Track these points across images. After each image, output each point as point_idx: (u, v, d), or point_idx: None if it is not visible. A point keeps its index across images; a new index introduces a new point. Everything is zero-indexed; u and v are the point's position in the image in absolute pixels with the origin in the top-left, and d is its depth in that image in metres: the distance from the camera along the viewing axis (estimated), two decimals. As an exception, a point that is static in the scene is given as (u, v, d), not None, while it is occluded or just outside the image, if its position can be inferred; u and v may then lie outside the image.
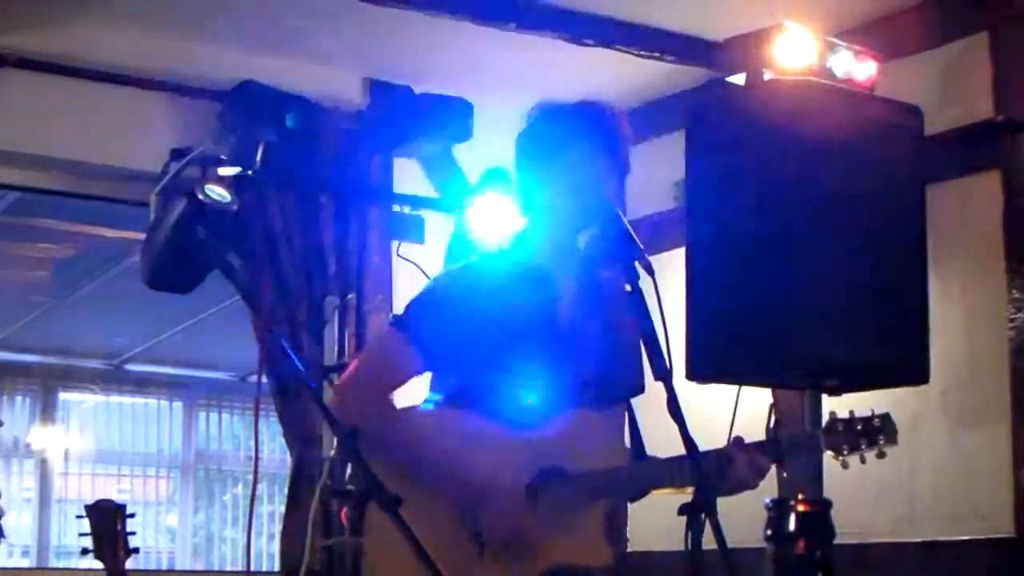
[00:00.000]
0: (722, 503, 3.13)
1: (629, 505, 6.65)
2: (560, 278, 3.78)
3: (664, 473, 3.62)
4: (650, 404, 3.67)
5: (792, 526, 5.21)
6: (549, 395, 3.70)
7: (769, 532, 5.25)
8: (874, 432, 3.79)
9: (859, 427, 3.78)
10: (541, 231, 3.81)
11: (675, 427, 3.28)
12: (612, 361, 3.80)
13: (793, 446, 3.78)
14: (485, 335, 3.67)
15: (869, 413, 3.81)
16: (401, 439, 3.63)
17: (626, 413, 3.87)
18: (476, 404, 3.66)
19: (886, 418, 3.82)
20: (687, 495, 3.20)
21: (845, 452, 3.77)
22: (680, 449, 3.29)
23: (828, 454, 3.80)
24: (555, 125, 3.78)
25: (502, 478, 3.59)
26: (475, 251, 5.90)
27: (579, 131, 3.73)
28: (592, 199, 3.66)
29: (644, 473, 3.66)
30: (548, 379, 3.71)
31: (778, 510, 5.25)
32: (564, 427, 3.68)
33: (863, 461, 3.79)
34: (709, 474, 3.59)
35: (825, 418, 3.82)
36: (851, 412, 3.81)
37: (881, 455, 3.80)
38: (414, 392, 3.85)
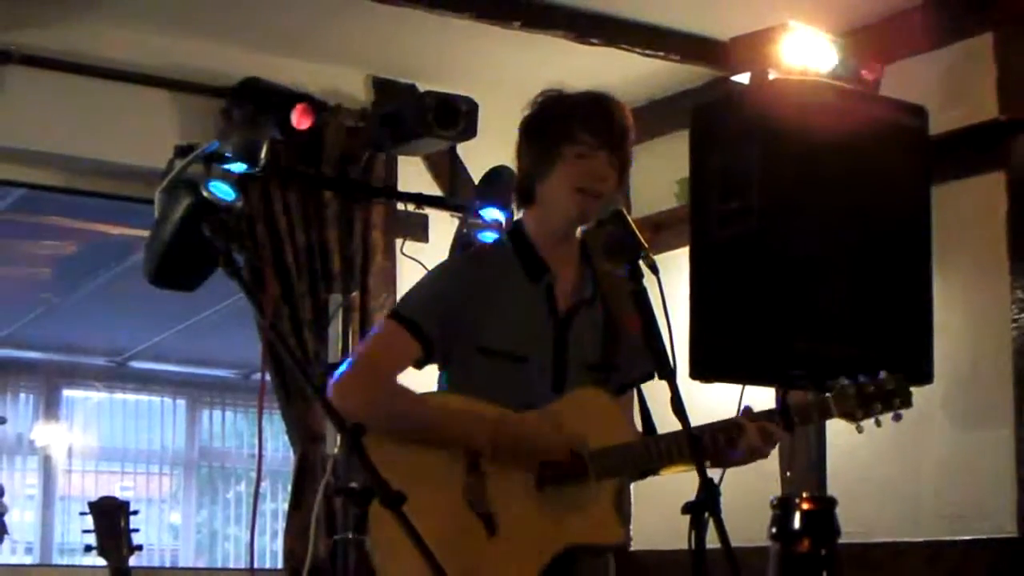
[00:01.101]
0: (726, 502, 3.13)
1: (634, 504, 6.71)
2: (558, 266, 3.78)
3: (673, 447, 3.61)
4: (654, 403, 3.67)
5: (797, 524, 5.21)
6: (552, 381, 3.70)
7: (774, 530, 5.25)
8: (888, 395, 3.77)
9: (871, 390, 3.76)
10: (540, 221, 3.80)
11: (679, 426, 3.29)
12: (615, 348, 3.81)
13: (804, 412, 3.75)
14: (481, 324, 3.68)
15: (881, 376, 3.78)
16: (403, 407, 3.63)
17: (635, 395, 3.86)
18: (479, 393, 3.66)
19: (899, 380, 3.79)
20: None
21: (859, 417, 3.74)
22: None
23: (840, 420, 3.77)
24: (559, 114, 3.76)
25: (513, 435, 3.58)
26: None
27: (582, 122, 3.71)
28: (592, 193, 3.67)
29: (653, 448, 3.65)
30: (549, 366, 3.71)
31: (783, 508, 5.25)
32: (570, 406, 3.68)
33: (879, 424, 3.76)
34: (719, 445, 3.61)
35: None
36: (860, 376, 3.77)
37: (897, 418, 3.77)
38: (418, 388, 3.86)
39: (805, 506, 5.23)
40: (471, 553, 3.51)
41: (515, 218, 4.00)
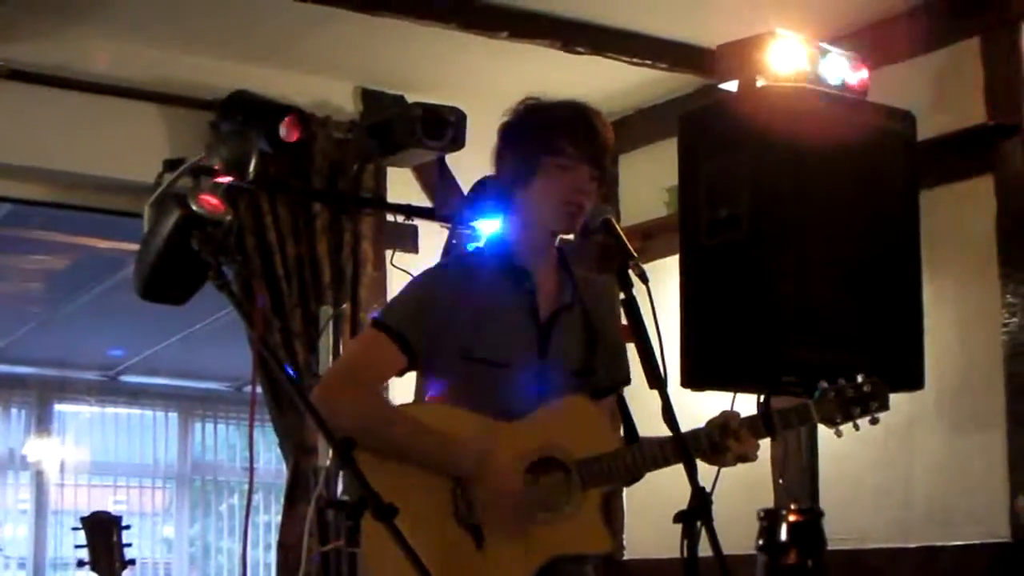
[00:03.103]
0: (717, 511, 3.13)
1: (626, 512, 6.71)
2: (538, 272, 3.78)
3: (658, 454, 3.62)
4: (645, 412, 3.67)
5: (784, 536, 5.21)
6: (535, 387, 3.70)
7: (761, 542, 5.25)
8: (866, 399, 3.80)
9: (850, 394, 3.79)
10: (520, 229, 3.80)
11: (670, 434, 3.29)
12: (595, 353, 3.81)
13: (785, 419, 3.78)
14: (465, 331, 3.67)
15: (859, 379, 3.80)
16: (388, 426, 3.62)
17: (616, 402, 3.87)
18: (463, 400, 3.66)
19: (877, 383, 3.82)
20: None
21: (838, 421, 3.78)
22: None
23: (822, 425, 3.81)
24: (541, 125, 3.76)
25: (496, 468, 3.58)
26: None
27: (565, 134, 3.71)
28: (575, 205, 3.67)
29: (640, 455, 3.65)
30: (533, 371, 3.71)
31: (770, 520, 5.25)
32: (555, 415, 3.68)
33: (856, 428, 3.79)
34: (705, 451, 3.63)
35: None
36: (840, 379, 3.80)
37: (874, 421, 3.80)
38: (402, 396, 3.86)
39: (791, 518, 5.23)
40: (459, 566, 3.51)
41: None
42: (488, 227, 5.92)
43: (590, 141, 3.72)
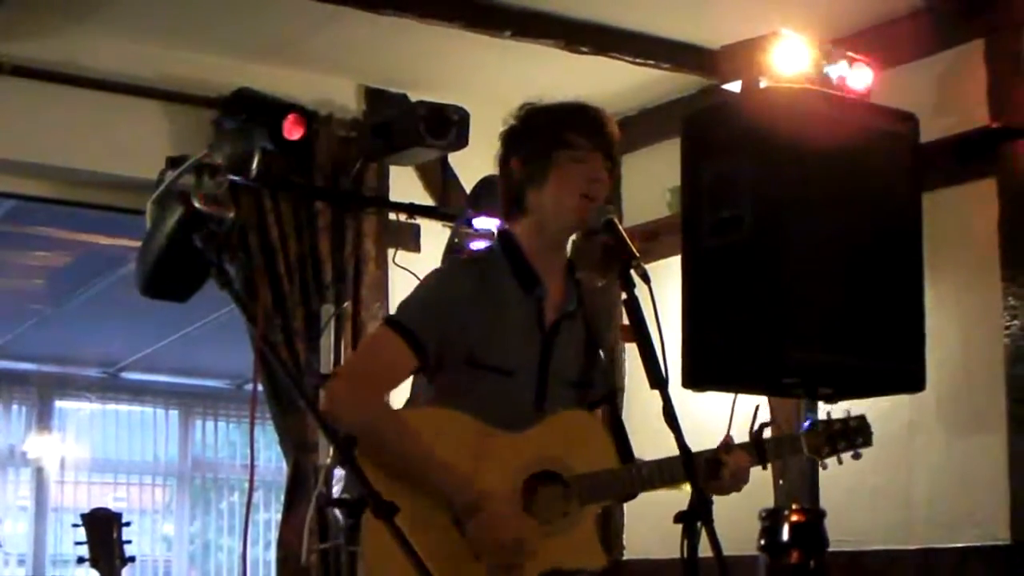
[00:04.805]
0: (718, 511, 3.13)
1: (626, 513, 6.71)
2: (547, 277, 3.78)
3: (655, 474, 3.63)
4: (646, 411, 3.67)
5: (786, 536, 5.21)
6: (534, 395, 3.70)
7: (763, 542, 5.25)
8: (851, 434, 3.98)
9: (837, 428, 3.95)
10: (533, 230, 3.79)
11: (670, 434, 3.29)
12: (593, 364, 3.81)
13: (777, 448, 3.89)
14: (474, 336, 3.66)
15: (845, 415, 3.98)
16: (394, 439, 3.59)
17: (609, 412, 3.87)
18: (466, 404, 3.64)
19: (861, 420, 4.01)
20: (682, 493, 3.22)
21: (824, 454, 3.94)
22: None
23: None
24: (548, 122, 3.75)
25: (494, 481, 3.57)
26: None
27: (573, 126, 3.71)
28: (592, 195, 3.67)
29: (637, 474, 3.66)
30: (533, 379, 3.71)
31: (772, 520, 5.26)
32: (556, 428, 3.67)
33: (840, 462, 3.97)
34: (700, 476, 3.63)
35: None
36: (828, 415, 3.97)
37: (857, 456, 3.99)
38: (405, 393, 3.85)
39: (793, 518, 5.24)
40: (459, 569, 3.50)
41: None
42: (491, 226, 5.93)
43: (599, 130, 3.72)
